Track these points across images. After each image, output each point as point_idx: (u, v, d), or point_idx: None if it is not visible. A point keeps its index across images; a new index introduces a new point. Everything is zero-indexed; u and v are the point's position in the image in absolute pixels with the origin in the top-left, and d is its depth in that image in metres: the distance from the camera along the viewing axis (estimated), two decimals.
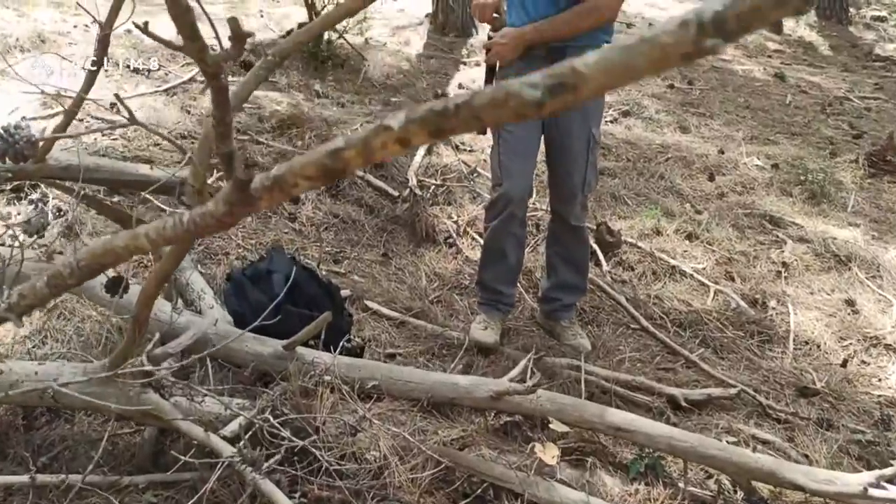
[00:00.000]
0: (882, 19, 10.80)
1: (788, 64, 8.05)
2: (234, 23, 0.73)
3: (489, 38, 2.71)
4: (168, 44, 0.83)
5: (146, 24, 0.76)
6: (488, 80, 2.78)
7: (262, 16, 7.24)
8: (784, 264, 3.65)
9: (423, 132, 0.48)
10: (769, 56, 8.35)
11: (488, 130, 2.83)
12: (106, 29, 2.05)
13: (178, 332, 2.09)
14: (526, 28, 2.59)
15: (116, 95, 1.14)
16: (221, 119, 1.15)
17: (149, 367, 1.89)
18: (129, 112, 1.17)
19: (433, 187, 3.96)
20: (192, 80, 4.94)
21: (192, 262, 2.82)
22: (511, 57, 2.63)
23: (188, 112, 4.51)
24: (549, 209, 3.88)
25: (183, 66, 5.26)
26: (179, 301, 2.36)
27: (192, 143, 4.26)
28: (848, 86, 7.34)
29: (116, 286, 1.85)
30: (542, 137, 2.75)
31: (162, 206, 3.27)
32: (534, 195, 3.43)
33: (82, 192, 2.05)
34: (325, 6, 5.55)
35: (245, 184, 0.60)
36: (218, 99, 1.07)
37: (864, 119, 6.32)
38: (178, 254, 1.63)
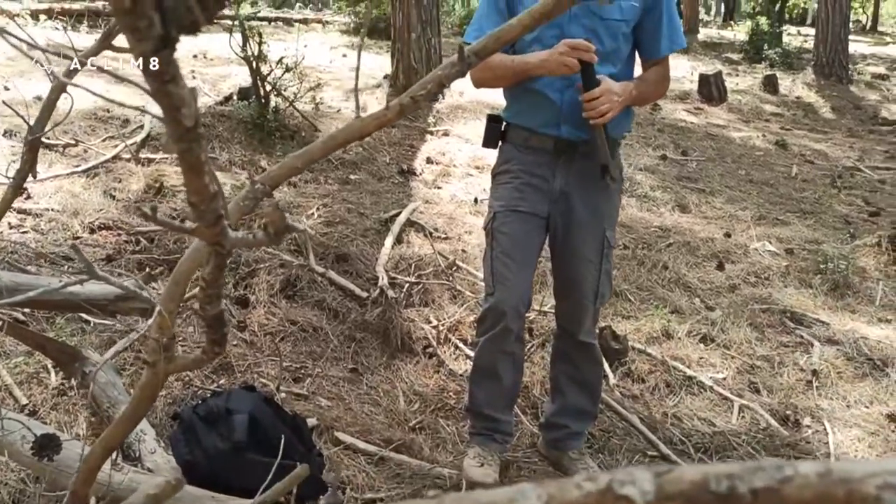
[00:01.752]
0: (884, 77, 11.30)
1: (789, 129, 8.32)
2: (277, 214, 0.68)
3: (586, 88, 2.38)
4: (177, 228, 0.77)
5: (154, 209, 0.70)
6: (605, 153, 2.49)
7: (193, 77, 7.24)
8: (814, 372, 3.65)
9: None
10: (766, 120, 8.63)
11: None
12: (37, 131, 1.99)
13: (119, 496, 1.95)
14: (630, 84, 2.48)
15: (74, 246, 1.07)
16: (213, 282, 1.08)
17: None
18: (88, 265, 1.09)
19: (407, 286, 3.90)
20: (116, 158, 4.85)
21: (125, 390, 2.68)
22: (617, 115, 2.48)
23: (112, 197, 4.42)
24: (541, 309, 3.90)
25: (104, 139, 5.18)
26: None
27: (117, 235, 4.15)
28: (857, 154, 7.60)
29: (47, 448, 1.73)
30: (546, 238, 2.72)
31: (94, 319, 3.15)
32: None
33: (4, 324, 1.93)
34: (271, 71, 5.56)
35: None
36: (216, 265, 1.00)
37: (880, 193, 6.51)
38: (135, 417, 1.53)
